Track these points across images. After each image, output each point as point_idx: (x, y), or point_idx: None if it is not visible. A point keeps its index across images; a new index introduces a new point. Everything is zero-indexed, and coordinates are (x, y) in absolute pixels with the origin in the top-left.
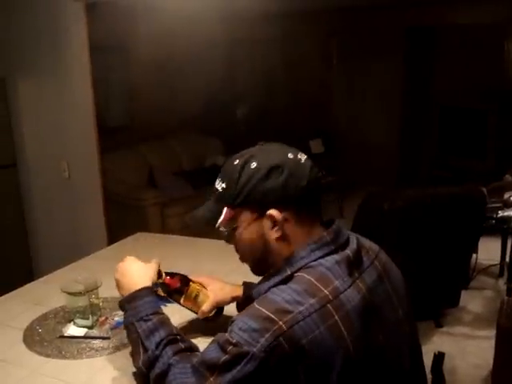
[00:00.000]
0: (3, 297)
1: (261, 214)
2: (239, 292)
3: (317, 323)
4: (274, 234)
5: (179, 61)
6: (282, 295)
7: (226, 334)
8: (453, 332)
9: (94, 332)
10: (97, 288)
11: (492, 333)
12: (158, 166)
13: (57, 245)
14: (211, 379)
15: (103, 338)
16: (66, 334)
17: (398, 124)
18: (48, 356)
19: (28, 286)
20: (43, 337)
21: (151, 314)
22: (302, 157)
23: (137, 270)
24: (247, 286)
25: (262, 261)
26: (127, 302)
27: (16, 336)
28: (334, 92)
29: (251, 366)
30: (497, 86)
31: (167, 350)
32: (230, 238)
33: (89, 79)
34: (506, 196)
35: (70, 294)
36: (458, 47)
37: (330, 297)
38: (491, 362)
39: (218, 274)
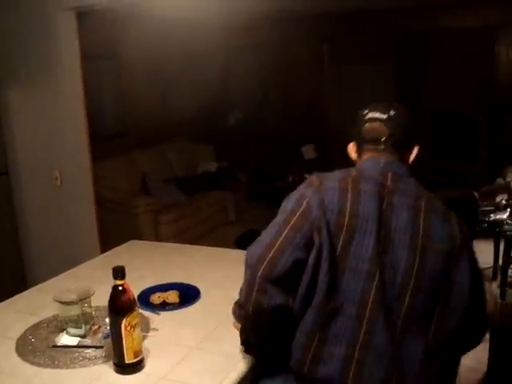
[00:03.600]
0: None
1: None
2: None
3: (334, 180)
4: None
5: (171, 68)
6: None
7: None
8: None
9: (87, 341)
10: (89, 297)
11: (486, 336)
12: (151, 173)
13: (49, 253)
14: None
15: (96, 347)
16: (58, 344)
17: None
18: (41, 366)
19: (21, 295)
20: (36, 346)
21: None
22: (381, 116)
23: None
24: None
25: None
26: None
27: (9, 346)
28: (327, 97)
29: (295, 196)
30: (487, 89)
31: None
32: None
33: (80, 87)
34: (498, 199)
35: (62, 303)
36: (448, 51)
37: (354, 174)
38: (485, 365)
39: (212, 281)
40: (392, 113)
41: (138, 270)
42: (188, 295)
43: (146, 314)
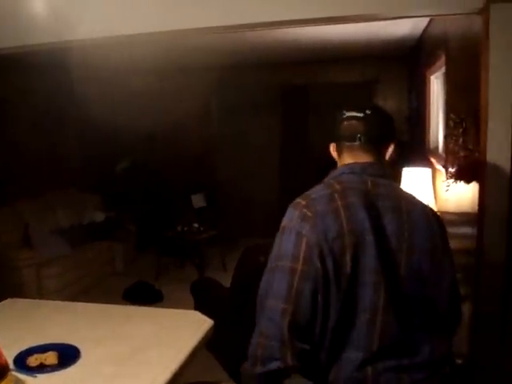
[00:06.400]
0: None
1: None
2: None
3: (324, 202)
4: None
5: (57, 116)
6: (311, 190)
7: None
8: None
9: None
10: None
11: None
12: (35, 223)
13: None
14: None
15: None
16: None
17: (277, 177)
18: None
19: None
20: None
21: None
22: (358, 115)
23: None
24: None
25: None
26: None
27: None
28: (216, 147)
29: (293, 235)
30: None
31: None
32: None
33: None
34: None
35: None
36: (330, 104)
37: (338, 188)
38: None
39: (93, 340)
40: (368, 112)
41: (15, 331)
42: (67, 356)
43: (23, 377)
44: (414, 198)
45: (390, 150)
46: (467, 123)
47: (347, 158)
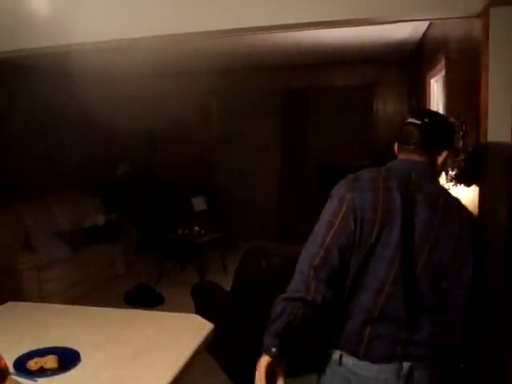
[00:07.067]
0: None
1: None
2: None
3: (368, 181)
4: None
5: (56, 119)
6: (361, 171)
7: None
8: None
9: None
10: None
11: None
12: (35, 227)
13: None
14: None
15: None
16: None
17: (277, 180)
18: None
19: None
20: None
21: None
22: (416, 122)
23: None
24: None
25: None
26: None
27: None
28: (216, 150)
29: (337, 199)
30: (368, 142)
31: None
32: None
33: None
34: None
35: None
36: (331, 107)
37: (384, 173)
38: None
39: (93, 343)
40: (426, 120)
41: (15, 334)
42: (67, 359)
43: (22, 381)
44: (452, 197)
45: (443, 156)
46: (467, 126)
47: (402, 156)
